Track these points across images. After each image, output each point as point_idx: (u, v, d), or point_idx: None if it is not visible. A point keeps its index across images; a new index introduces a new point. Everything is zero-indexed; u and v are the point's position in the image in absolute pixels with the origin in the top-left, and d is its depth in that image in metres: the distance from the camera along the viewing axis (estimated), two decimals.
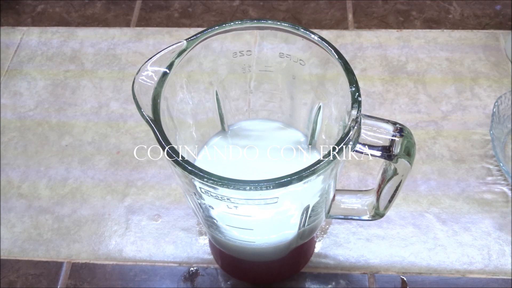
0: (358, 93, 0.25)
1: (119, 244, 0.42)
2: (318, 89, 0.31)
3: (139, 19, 0.58)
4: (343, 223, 0.42)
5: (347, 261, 0.40)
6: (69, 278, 0.40)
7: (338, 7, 0.58)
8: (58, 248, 0.42)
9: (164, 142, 0.24)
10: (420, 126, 0.48)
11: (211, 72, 0.32)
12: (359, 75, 0.51)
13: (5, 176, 0.46)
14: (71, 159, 0.47)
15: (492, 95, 0.50)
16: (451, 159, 0.46)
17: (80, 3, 0.61)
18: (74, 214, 0.44)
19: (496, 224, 0.42)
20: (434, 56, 0.53)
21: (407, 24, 0.56)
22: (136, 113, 0.44)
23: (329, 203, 0.32)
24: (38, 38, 0.57)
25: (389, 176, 0.29)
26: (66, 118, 0.50)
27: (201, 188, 0.24)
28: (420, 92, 0.50)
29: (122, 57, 0.55)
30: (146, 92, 0.26)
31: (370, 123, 0.25)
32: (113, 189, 0.45)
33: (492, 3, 0.58)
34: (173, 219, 0.43)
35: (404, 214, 0.43)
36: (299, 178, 0.23)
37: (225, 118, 0.35)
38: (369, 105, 0.49)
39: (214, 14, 0.58)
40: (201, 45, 0.28)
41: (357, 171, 0.45)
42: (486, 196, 0.43)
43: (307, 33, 0.28)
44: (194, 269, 0.41)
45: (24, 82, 0.53)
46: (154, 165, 0.46)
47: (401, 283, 0.39)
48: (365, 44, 0.54)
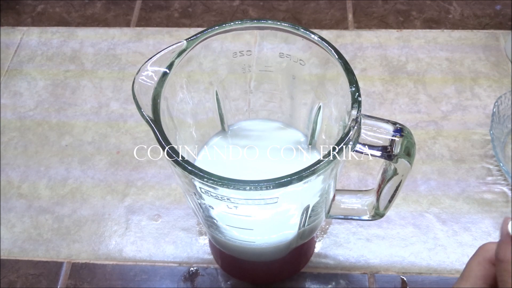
0: (358, 93, 0.25)
1: (119, 244, 0.42)
2: (318, 89, 0.31)
3: (139, 19, 0.58)
4: (343, 223, 0.42)
5: (347, 261, 0.40)
6: (69, 278, 0.40)
7: (338, 7, 0.58)
8: (58, 248, 0.42)
9: (164, 142, 0.24)
10: (420, 126, 0.48)
11: (211, 72, 0.32)
12: (359, 75, 0.51)
13: (5, 176, 0.46)
14: (71, 159, 0.47)
15: (492, 95, 0.49)
16: (451, 159, 0.46)
17: (80, 3, 0.61)
18: (74, 214, 0.44)
19: (496, 224, 0.42)
20: (434, 56, 0.53)
21: (407, 24, 0.56)
22: (136, 113, 0.44)
23: (329, 203, 0.32)
24: (38, 38, 0.57)
25: (389, 176, 0.29)
26: (66, 118, 0.50)
27: (201, 188, 0.24)
28: (420, 92, 0.50)
29: (122, 57, 0.55)
30: (146, 92, 0.26)
31: (370, 123, 0.25)
32: (113, 189, 0.45)
33: (492, 3, 0.58)
34: (173, 219, 0.43)
35: (404, 214, 0.43)
36: (299, 178, 0.23)
37: (225, 118, 0.35)
38: (369, 105, 0.49)
39: (214, 14, 0.58)
40: (201, 45, 0.28)
41: (357, 171, 0.45)
42: (486, 196, 0.43)
43: (307, 33, 0.28)
44: (194, 269, 0.41)
45: (24, 82, 0.53)
46: (154, 165, 0.46)
47: (401, 283, 0.39)
48: (365, 44, 0.54)
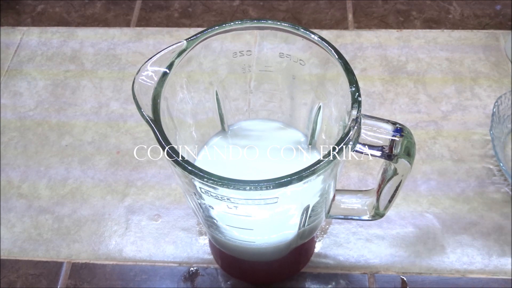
0: (358, 93, 0.25)
1: (119, 244, 0.42)
2: (318, 89, 0.31)
3: (139, 19, 0.58)
4: (343, 223, 0.42)
5: (347, 261, 0.40)
6: (69, 278, 0.40)
7: (338, 7, 0.58)
8: (58, 248, 0.42)
9: (164, 142, 0.24)
10: (420, 126, 0.48)
11: (211, 72, 0.32)
12: (359, 75, 0.51)
13: (5, 176, 0.46)
14: (71, 159, 0.47)
15: (492, 95, 0.50)
16: (451, 159, 0.46)
17: (80, 3, 0.61)
18: (74, 214, 0.44)
19: (496, 224, 0.42)
20: (434, 56, 0.53)
21: (407, 24, 0.56)
22: (136, 113, 0.44)
23: (329, 203, 0.32)
24: (38, 38, 0.57)
25: (389, 176, 0.29)
26: (66, 118, 0.50)
27: (201, 188, 0.24)
28: (420, 92, 0.50)
29: (122, 57, 0.55)
30: (146, 92, 0.26)
31: (370, 123, 0.25)
32: (113, 189, 0.45)
33: (492, 3, 0.58)
34: (173, 219, 0.43)
35: (404, 214, 0.43)
36: (299, 178, 0.23)
37: (225, 118, 0.35)
38: (369, 105, 0.49)
39: (214, 14, 0.58)
40: (201, 45, 0.28)
41: (357, 171, 0.45)
42: (486, 196, 0.43)
43: (307, 33, 0.28)
44: (194, 269, 0.41)
45: (24, 82, 0.53)
46: (154, 165, 0.46)
47: (401, 283, 0.39)
48: (365, 44, 0.54)
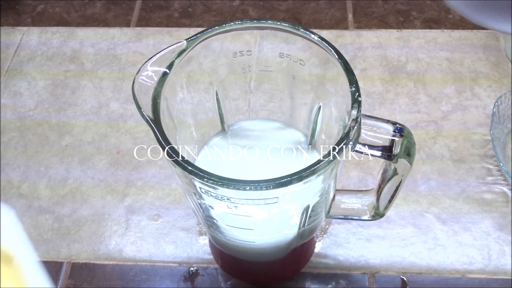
0: (358, 93, 0.25)
1: (119, 244, 0.42)
2: (318, 89, 0.31)
3: (139, 19, 0.58)
4: (343, 223, 0.42)
5: (347, 261, 0.40)
6: (69, 278, 0.40)
7: (338, 7, 0.58)
8: (58, 248, 0.42)
9: (164, 142, 0.24)
10: (420, 126, 0.48)
11: (211, 72, 0.32)
12: (359, 75, 0.51)
13: (5, 176, 0.46)
14: (71, 159, 0.47)
15: (492, 95, 0.49)
16: (451, 159, 0.46)
17: (80, 3, 0.61)
18: (74, 214, 0.44)
19: (496, 224, 0.42)
20: (434, 56, 0.53)
21: (407, 24, 0.56)
22: (136, 113, 0.44)
23: (329, 203, 0.32)
24: (38, 38, 0.57)
25: (389, 176, 0.29)
26: (66, 118, 0.50)
27: (201, 188, 0.24)
28: (420, 92, 0.50)
29: (122, 57, 0.55)
30: (146, 92, 0.26)
31: (370, 123, 0.25)
32: (113, 189, 0.45)
33: None
34: (173, 219, 0.43)
35: (404, 214, 0.43)
36: (299, 178, 0.23)
37: (225, 118, 0.35)
38: (369, 105, 0.49)
39: (214, 14, 0.58)
40: (201, 45, 0.28)
41: (357, 171, 0.45)
42: (486, 196, 0.43)
43: (307, 33, 0.28)
44: (194, 269, 0.41)
45: (24, 82, 0.53)
46: (154, 165, 0.46)
47: (401, 283, 0.39)
48: (365, 44, 0.54)
